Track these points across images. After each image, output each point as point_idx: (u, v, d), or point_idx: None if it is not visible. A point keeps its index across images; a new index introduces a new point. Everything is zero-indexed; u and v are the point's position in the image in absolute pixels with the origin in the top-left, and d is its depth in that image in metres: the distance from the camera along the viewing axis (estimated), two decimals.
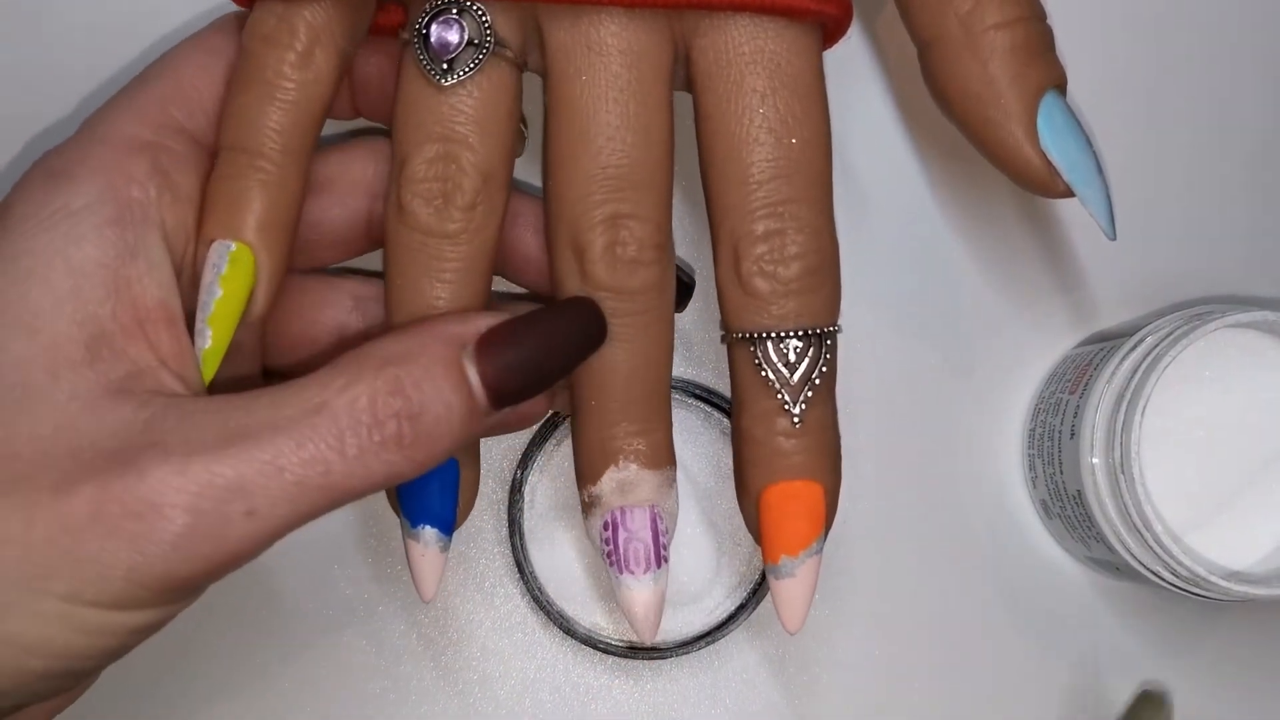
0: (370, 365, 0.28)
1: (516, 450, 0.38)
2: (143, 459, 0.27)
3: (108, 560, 0.27)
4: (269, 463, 0.27)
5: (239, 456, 0.27)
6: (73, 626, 0.27)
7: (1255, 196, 0.39)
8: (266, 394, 0.28)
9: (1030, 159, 0.31)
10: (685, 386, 0.38)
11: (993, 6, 0.31)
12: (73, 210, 0.29)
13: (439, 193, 0.31)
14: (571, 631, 0.37)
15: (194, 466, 0.27)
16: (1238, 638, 0.39)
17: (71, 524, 0.27)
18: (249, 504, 0.27)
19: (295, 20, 0.31)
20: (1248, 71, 0.39)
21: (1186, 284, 0.39)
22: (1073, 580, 0.39)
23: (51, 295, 0.28)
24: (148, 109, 0.31)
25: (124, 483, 0.27)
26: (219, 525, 0.27)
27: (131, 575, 0.27)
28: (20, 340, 0.28)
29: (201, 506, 0.27)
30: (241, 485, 0.27)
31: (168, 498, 0.27)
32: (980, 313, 0.38)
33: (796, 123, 0.31)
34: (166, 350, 0.29)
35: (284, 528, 0.28)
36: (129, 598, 0.27)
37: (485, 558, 0.38)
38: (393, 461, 0.28)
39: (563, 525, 0.38)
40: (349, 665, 0.38)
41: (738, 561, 0.38)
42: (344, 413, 0.28)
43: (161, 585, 0.27)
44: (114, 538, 0.27)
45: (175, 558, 0.27)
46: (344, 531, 0.38)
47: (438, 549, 0.33)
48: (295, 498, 0.28)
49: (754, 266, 0.31)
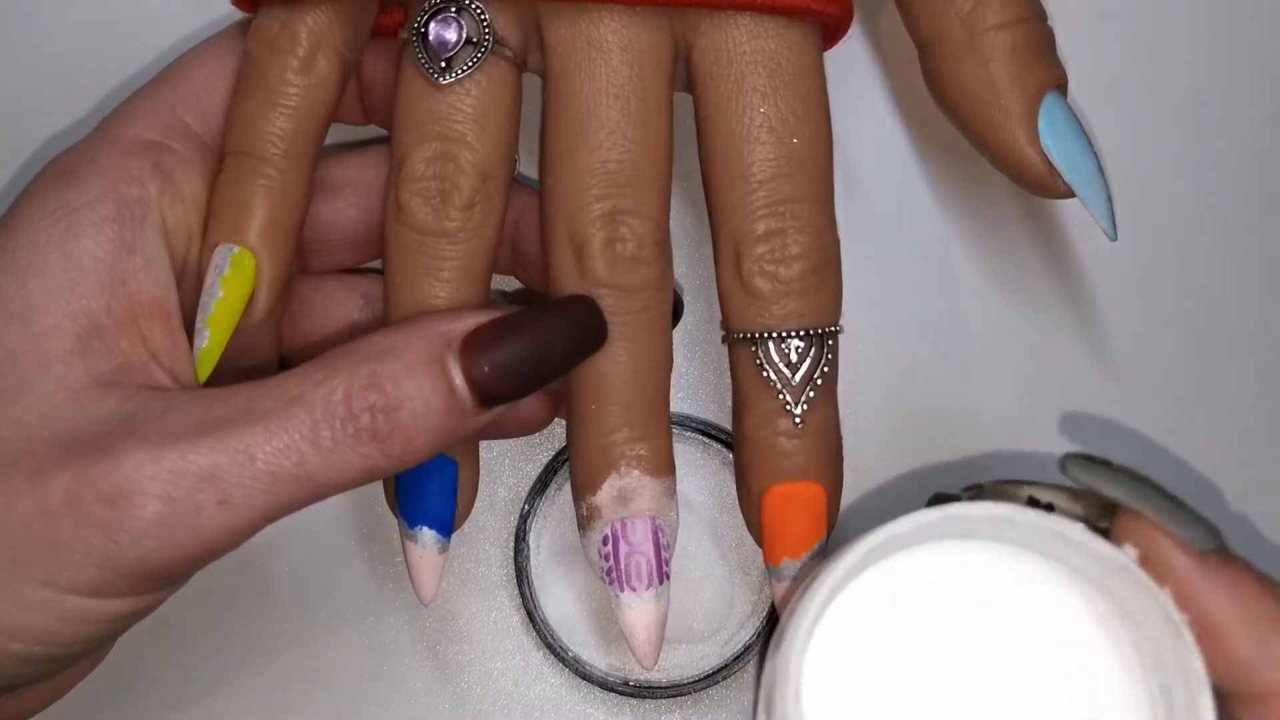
0: (350, 360, 0.29)
1: (519, 495, 0.38)
2: (118, 446, 0.27)
3: (82, 546, 0.27)
4: (241, 451, 0.27)
5: (212, 445, 0.27)
6: (51, 612, 0.28)
7: (1254, 197, 0.39)
8: (248, 386, 0.29)
9: (1031, 159, 0.31)
10: (683, 421, 0.37)
11: (994, 7, 0.31)
12: (74, 207, 0.29)
13: (436, 191, 0.31)
14: (586, 675, 0.37)
15: (168, 454, 0.27)
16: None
17: (47, 510, 0.27)
18: (222, 493, 0.27)
19: (298, 26, 0.31)
20: (1248, 72, 0.39)
21: (1185, 284, 0.39)
22: None
23: (46, 288, 0.29)
24: (157, 111, 0.31)
25: (99, 469, 0.27)
26: (192, 514, 0.27)
27: (106, 562, 0.27)
28: (13, 331, 0.28)
29: (174, 494, 0.27)
30: (214, 473, 0.27)
31: (140, 485, 0.27)
32: (980, 313, 0.38)
33: (798, 122, 0.31)
34: (159, 345, 0.29)
35: (260, 518, 0.28)
36: (105, 584, 0.28)
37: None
38: (368, 455, 0.28)
39: (571, 569, 0.38)
40: (348, 666, 0.38)
41: (748, 590, 0.38)
42: (319, 404, 0.28)
43: (137, 573, 0.28)
44: (88, 524, 0.27)
45: (148, 545, 0.27)
46: (345, 535, 0.38)
47: (436, 550, 0.33)
48: (269, 488, 0.28)
49: (755, 266, 0.31)
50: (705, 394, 0.38)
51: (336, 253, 0.35)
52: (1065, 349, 0.38)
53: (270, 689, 0.37)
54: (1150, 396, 0.38)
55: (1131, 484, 0.27)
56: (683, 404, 0.38)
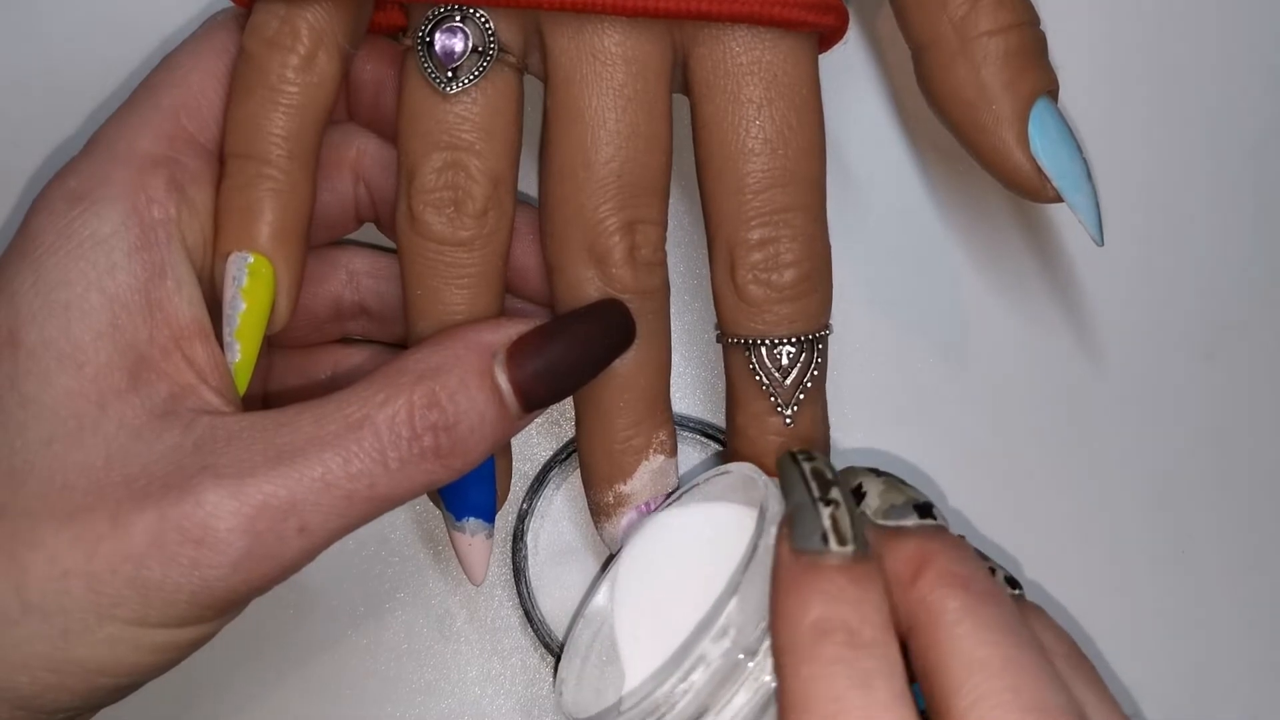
0: (407, 379, 0.29)
1: (517, 495, 0.38)
2: (197, 484, 0.27)
3: (171, 586, 0.27)
4: (318, 479, 0.28)
5: (290, 475, 0.28)
6: (139, 647, 0.28)
7: (1249, 200, 0.39)
8: (308, 409, 0.29)
9: (1020, 164, 0.32)
10: (680, 420, 0.37)
11: (986, 12, 0.31)
12: (101, 238, 0.29)
13: (450, 201, 0.32)
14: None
15: (247, 489, 0.28)
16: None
17: (133, 553, 0.27)
18: (301, 521, 0.28)
19: (298, 23, 0.31)
20: (1243, 78, 0.39)
21: (1183, 284, 0.39)
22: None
23: (92, 328, 0.29)
24: (160, 122, 0.31)
25: (181, 510, 0.27)
26: (275, 544, 0.28)
27: (194, 598, 0.28)
28: (67, 374, 0.29)
29: (257, 528, 0.28)
30: (294, 504, 0.28)
31: (225, 522, 0.27)
32: (977, 313, 0.38)
33: (792, 133, 0.32)
34: (203, 365, 0.30)
35: (332, 539, 0.29)
36: (191, 616, 0.28)
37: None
38: (432, 470, 0.29)
39: (569, 568, 0.38)
40: (348, 665, 0.38)
41: None
42: (385, 427, 0.29)
43: (223, 603, 0.28)
44: (175, 564, 0.27)
45: (235, 578, 0.28)
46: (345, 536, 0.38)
47: (483, 536, 0.34)
48: (344, 511, 0.28)
49: (749, 274, 0.32)
50: (702, 393, 0.38)
51: (310, 232, 0.35)
52: (1060, 349, 0.39)
53: (270, 689, 0.37)
54: (1146, 396, 0.39)
55: (790, 476, 0.28)
56: (680, 403, 0.38)
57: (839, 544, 0.26)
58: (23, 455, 0.28)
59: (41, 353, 0.29)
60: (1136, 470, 0.39)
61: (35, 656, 0.28)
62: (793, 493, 0.28)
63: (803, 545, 0.27)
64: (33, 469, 0.28)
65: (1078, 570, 0.38)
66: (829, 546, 0.26)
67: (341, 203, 0.35)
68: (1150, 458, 0.39)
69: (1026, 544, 0.38)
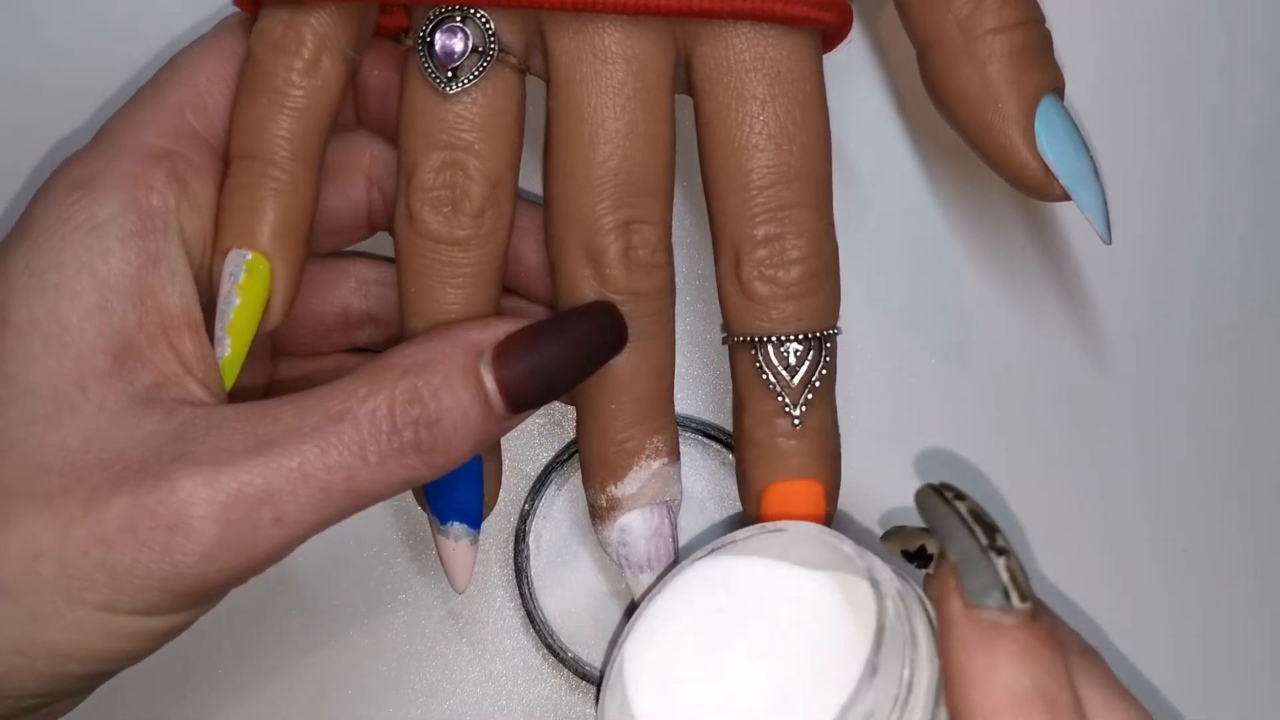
0: (391, 374, 0.29)
1: (519, 496, 0.38)
2: (173, 470, 0.27)
3: (141, 571, 0.27)
4: (294, 470, 0.28)
5: (267, 465, 0.28)
6: (108, 633, 0.28)
7: (1254, 199, 0.39)
8: (290, 401, 0.29)
9: (1027, 163, 0.32)
10: (683, 421, 0.37)
11: (991, 10, 0.31)
12: (97, 223, 0.29)
13: (448, 200, 0.32)
14: (586, 675, 0.37)
15: (223, 477, 0.27)
16: None
17: (105, 537, 0.27)
18: (277, 511, 0.28)
19: (302, 27, 0.31)
20: (1246, 78, 0.39)
21: (1187, 284, 0.39)
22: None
23: (80, 310, 0.29)
24: (165, 116, 0.31)
25: (155, 495, 0.27)
26: (248, 534, 0.28)
27: (165, 585, 0.28)
28: (51, 354, 0.28)
29: (231, 517, 0.27)
30: (269, 493, 0.28)
31: (198, 509, 0.27)
32: (980, 313, 0.38)
33: (796, 129, 0.31)
34: (190, 356, 0.30)
35: (309, 532, 0.29)
36: (162, 604, 0.28)
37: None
38: (412, 466, 0.29)
39: (570, 569, 0.38)
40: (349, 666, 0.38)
41: None
42: (365, 420, 0.28)
43: (195, 592, 0.28)
44: (147, 549, 0.27)
45: (207, 567, 0.28)
46: (344, 536, 0.38)
47: (468, 542, 0.34)
48: (321, 503, 0.28)
49: (754, 271, 0.32)
50: (705, 394, 0.38)
51: (322, 239, 0.35)
52: (1064, 349, 0.39)
53: (269, 689, 0.37)
54: (1150, 396, 0.39)
55: (948, 520, 0.26)
56: (683, 404, 0.38)
57: (1020, 600, 0.25)
58: (4, 434, 0.28)
59: (29, 332, 0.29)
60: (1139, 470, 0.39)
61: (2, 637, 0.28)
62: (954, 539, 0.26)
63: (981, 601, 0.25)
64: (12, 448, 0.28)
65: (1079, 570, 0.38)
66: (1011, 603, 0.25)
67: (354, 209, 0.35)
68: (1154, 458, 0.39)
69: (1029, 543, 0.38)
